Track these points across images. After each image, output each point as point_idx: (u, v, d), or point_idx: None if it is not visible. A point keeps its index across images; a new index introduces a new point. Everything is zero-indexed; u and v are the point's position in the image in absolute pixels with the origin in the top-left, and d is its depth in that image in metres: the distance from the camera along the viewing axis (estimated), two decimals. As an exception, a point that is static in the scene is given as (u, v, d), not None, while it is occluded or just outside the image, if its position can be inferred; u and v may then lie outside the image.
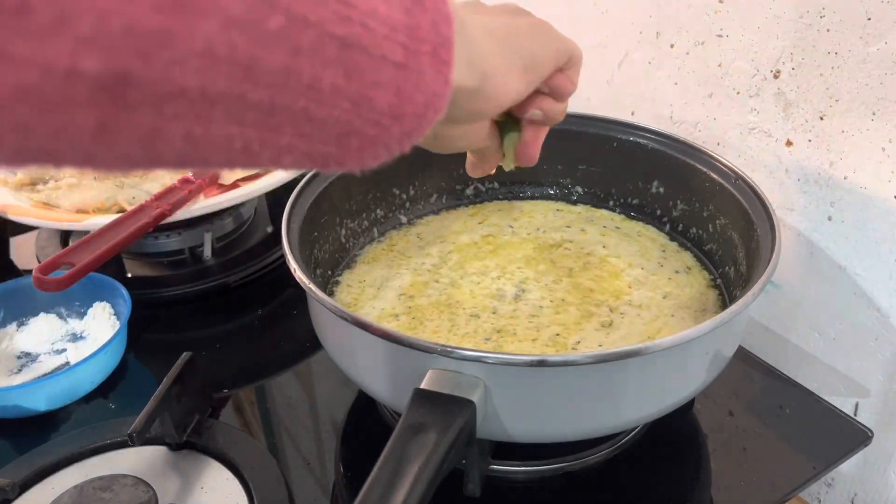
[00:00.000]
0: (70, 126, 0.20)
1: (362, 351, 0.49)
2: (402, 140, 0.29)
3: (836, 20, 0.57)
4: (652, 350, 0.43)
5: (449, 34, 0.28)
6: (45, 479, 0.54)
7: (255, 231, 0.84)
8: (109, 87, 0.19)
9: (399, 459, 0.39)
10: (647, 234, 0.68)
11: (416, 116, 0.28)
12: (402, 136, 0.29)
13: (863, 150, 0.59)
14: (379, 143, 0.28)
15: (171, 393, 0.54)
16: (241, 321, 0.74)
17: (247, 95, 0.23)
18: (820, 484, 0.70)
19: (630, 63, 0.78)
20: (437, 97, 0.29)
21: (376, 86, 0.27)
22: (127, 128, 0.21)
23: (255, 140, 0.25)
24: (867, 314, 0.62)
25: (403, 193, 0.70)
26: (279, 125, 0.25)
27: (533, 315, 0.57)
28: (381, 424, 0.59)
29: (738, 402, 0.62)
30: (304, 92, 0.25)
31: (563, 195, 0.73)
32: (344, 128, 0.27)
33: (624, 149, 0.67)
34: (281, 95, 0.24)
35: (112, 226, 0.67)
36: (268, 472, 0.53)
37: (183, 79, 0.21)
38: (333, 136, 0.27)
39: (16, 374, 0.65)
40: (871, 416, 0.64)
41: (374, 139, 0.28)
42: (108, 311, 0.69)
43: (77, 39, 0.18)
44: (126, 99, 0.20)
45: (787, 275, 0.68)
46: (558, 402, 0.45)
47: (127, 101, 0.20)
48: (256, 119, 0.24)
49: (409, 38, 0.27)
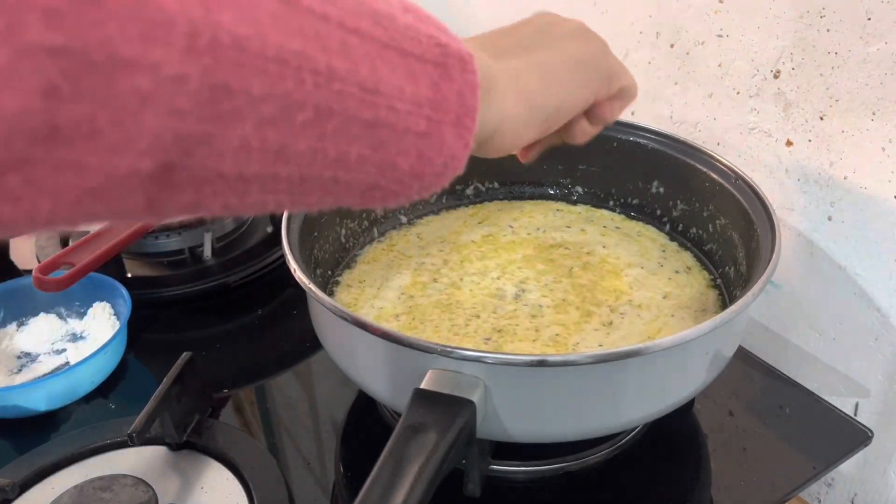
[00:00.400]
0: (126, 207, 0.23)
1: (362, 351, 0.49)
2: (421, 192, 0.31)
3: (836, 20, 0.57)
4: (652, 350, 0.43)
5: (473, 103, 0.30)
6: (45, 479, 0.54)
7: (255, 231, 0.84)
8: (157, 178, 0.23)
9: (399, 459, 0.39)
10: (647, 234, 0.68)
11: (434, 175, 0.31)
12: (422, 190, 0.31)
13: (863, 150, 0.59)
14: (400, 195, 0.31)
15: (171, 393, 0.54)
16: (241, 321, 0.74)
17: (278, 174, 0.26)
18: (820, 484, 0.70)
19: (630, 63, 0.78)
20: (455, 158, 0.31)
21: (400, 153, 0.29)
22: (171, 203, 0.24)
23: (287, 202, 0.28)
24: (867, 314, 0.62)
25: (403, 193, 0.70)
26: (308, 190, 0.28)
27: (533, 315, 0.57)
28: (381, 424, 0.59)
29: (738, 402, 0.62)
30: (332, 165, 0.27)
31: (563, 195, 0.73)
32: (369, 186, 0.29)
33: (624, 149, 0.67)
34: (309, 169, 0.27)
35: (112, 226, 0.67)
36: (268, 472, 0.53)
37: (220, 167, 0.24)
38: (358, 192, 0.29)
39: (16, 374, 0.65)
40: (871, 416, 0.64)
41: (395, 192, 0.31)
42: (108, 311, 0.69)
43: (137, 152, 0.22)
44: (171, 183, 0.23)
45: (787, 275, 0.68)
46: (558, 402, 0.45)
47: (172, 184, 0.23)
48: (288, 188, 0.27)
49: (433, 111, 0.29)
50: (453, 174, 0.31)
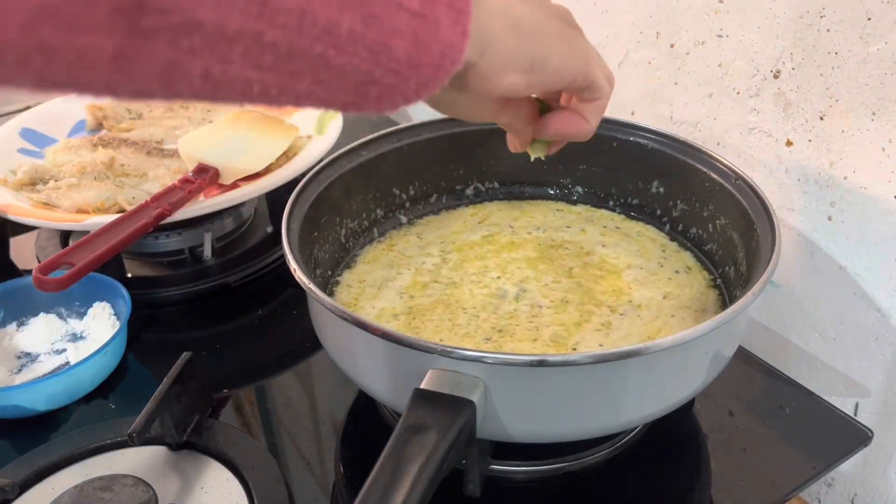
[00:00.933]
0: (90, 50, 0.20)
1: (362, 351, 0.49)
2: (419, 90, 0.29)
3: (836, 20, 0.57)
4: (652, 350, 0.43)
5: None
6: (45, 479, 0.54)
7: (255, 231, 0.84)
8: (125, 12, 0.20)
9: (399, 459, 0.39)
10: (647, 234, 0.68)
11: (433, 66, 0.29)
12: (419, 86, 0.29)
13: (863, 150, 0.59)
14: (397, 91, 0.29)
15: (171, 393, 0.54)
16: (241, 321, 0.74)
17: (263, 35, 0.23)
18: (820, 484, 0.70)
19: (630, 63, 0.78)
20: (453, 48, 0.29)
21: (394, 34, 0.27)
22: (144, 57, 0.21)
23: (274, 85, 0.25)
24: (867, 314, 0.62)
25: (403, 193, 0.70)
26: (298, 71, 0.25)
27: (533, 315, 0.57)
28: (381, 424, 0.59)
29: (738, 402, 0.62)
30: (321, 36, 0.25)
31: (563, 195, 0.73)
32: (363, 77, 0.27)
33: (624, 149, 0.67)
34: (298, 38, 0.24)
35: (112, 226, 0.67)
36: (268, 472, 0.53)
37: (196, 11, 0.21)
38: (352, 85, 0.27)
39: (16, 374, 0.65)
40: (871, 416, 0.64)
41: (392, 88, 0.28)
42: (108, 311, 0.69)
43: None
44: (141, 25, 0.21)
45: (787, 275, 0.68)
46: (558, 402, 0.45)
47: (142, 28, 0.21)
48: (275, 63, 0.24)
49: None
50: (452, 67, 0.30)
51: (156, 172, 0.80)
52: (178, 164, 0.81)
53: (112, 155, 0.81)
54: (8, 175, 0.80)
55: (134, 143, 0.85)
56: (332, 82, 0.27)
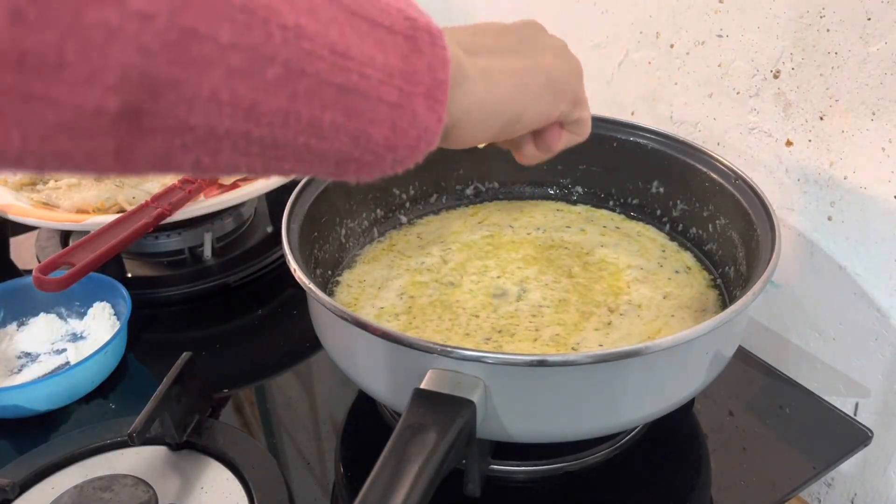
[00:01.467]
0: (96, 150, 0.24)
1: (362, 351, 0.49)
2: (395, 165, 0.32)
3: (836, 20, 0.57)
4: (652, 350, 0.43)
5: (444, 77, 0.31)
6: (45, 479, 0.54)
7: (255, 231, 0.84)
8: (126, 118, 0.23)
9: (399, 459, 0.39)
10: (647, 234, 0.68)
11: (408, 148, 0.31)
12: (395, 163, 0.31)
13: (863, 150, 0.59)
14: (375, 167, 0.31)
15: (171, 393, 0.54)
16: (241, 321, 0.74)
17: (250, 133, 0.26)
18: (820, 484, 0.70)
19: (630, 63, 0.78)
20: (428, 132, 0.31)
21: (373, 123, 0.29)
22: (141, 151, 0.24)
23: (259, 166, 0.28)
24: (867, 314, 0.62)
25: (403, 193, 0.70)
26: (282, 156, 0.28)
27: (533, 315, 0.57)
28: (381, 424, 0.59)
29: (738, 402, 0.62)
30: (305, 130, 0.27)
31: (563, 195, 0.73)
32: (343, 157, 0.29)
33: (624, 149, 0.67)
34: (283, 133, 0.27)
35: (112, 226, 0.67)
36: (268, 472, 0.53)
37: (189, 117, 0.24)
38: (332, 163, 0.30)
39: (16, 374, 0.65)
40: (871, 416, 0.64)
41: (370, 164, 0.31)
42: (108, 311, 0.69)
43: (104, 87, 0.22)
44: (139, 128, 0.24)
45: (787, 275, 0.68)
46: (558, 402, 0.45)
47: (140, 130, 0.24)
48: (260, 151, 0.27)
49: (404, 82, 0.29)
50: (426, 148, 0.32)
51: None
52: (178, 164, 0.81)
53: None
54: (8, 175, 0.80)
55: (134, 143, 0.85)
56: (315, 162, 0.29)
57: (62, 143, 0.23)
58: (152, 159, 0.25)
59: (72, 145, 0.23)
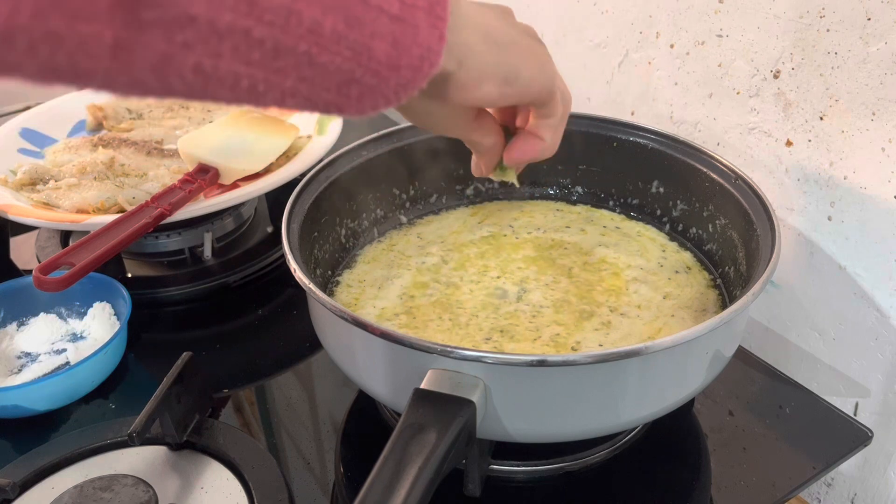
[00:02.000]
0: (91, 38, 0.22)
1: (362, 351, 0.49)
2: (399, 91, 0.31)
3: (836, 20, 0.57)
4: (652, 350, 0.43)
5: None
6: (45, 479, 0.54)
7: (255, 231, 0.84)
8: (125, 4, 0.22)
9: (399, 459, 0.39)
10: (647, 234, 0.68)
11: (411, 68, 0.30)
12: (399, 87, 0.30)
13: (863, 150, 0.59)
14: (377, 92, 0.30)
15: (171, 393, 0.54)
16: (241, 321, 0.74)
17: (251, 31, 0.25)
18: (820, 484, 0.70)
19: (630, 63, 0.78)
20: (431, 51, 0.30)
21: (375, 36, 0.28)
22: (140, 48, 0.23)
23: (261, 81, 0.27)
24: (867, 314, 0.62)
25: (403, 193, 0.70)
26: (283, 67, 0.27)
27: (533, 315, 0.57)
28: (381, 424, 0.59)
29: (738, 402, 0.62)
30: (305, 35, 0.26)
31: (563, 195, 0.73)
32: (345, 76, 0.29)
33: (624, 149, 0.68)
34: (284, 35, 0.26)
35: (112, 226, 0.67)
36: (268, 472, 0.53)
37: (190, 7, 0.23)
38: (335, 84, 0.29)
39: (16, 374, 0.65)
40: (871, 416, 0.64)
41: (372, 88, 0.30)
42: (108, 311, 0.69)
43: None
44: (139, 17, 0.22)
45: (787, 275, 0.68)
46: (558, 402, 0.45)
47: (140, 21, 0.22)
48: (262, 59, 0.26)
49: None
50: (430, 70, 0.31)
51: (156, 172, 0.80)
52: (178, 164, 0.81)
53: (112, 155, 0.81)
54: (8, 175, 0.80)
55: (134, 143, 0.85)
56: (316, 80, 0.28)
57: (54, 21, 0.21)
58: (152, 59, 0.24)
59: (65, 26, 0.21)
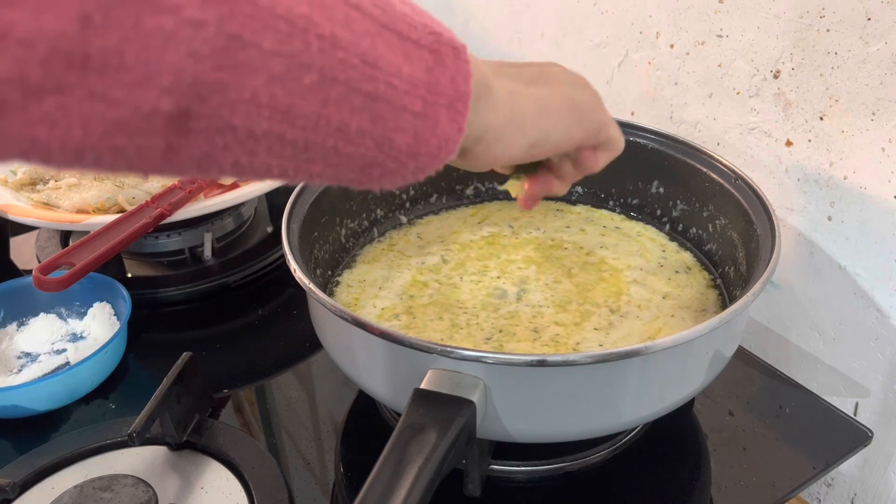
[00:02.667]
0: (147, 148, 0.26)
1: (362, 351, 0.49)
2: (417, 172, 0.33)
3: (836, 20, 0.57)
4: (652, 350, 0.43)
5: (466, 89, 0.33)
6: (45, 479, 0.54)
7: (255, 231, 0.84)
8: (175, 120, 0.25)
9: (399, 459, 0.39)
10: (646, 234, 0.68)
11: (429, 155, 0.33)
12: (417, 170, 0.33)
13: (863, 150, 0.59)
14: (397, 174, 0.33)
15: (171, 393, 0.54)
16: (241, 321, 0.74)
17: (284, 135, 0.28)
18: (820, 484, 0.70)
19: (630, 63, 0.78)
20: (449, 141, 0.33)
21: (397, 130, 0.31)
22: (186, 151, 0.26)
23: (291, 168, 0.30)
24: (867, 314, 0.62)
25: (403, 193, 0.70)
26: (312, 158, 0.30)
27: (533, 315, 0.57)
28: (381, 424, 0.59)
29: (738, 402, 0.62)
30: (333, 133, 0.29)
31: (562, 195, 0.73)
32: (367, 161, 0.31)
33: (624, 149, 0.67)
34: (314, 135, 0.29)
35: (112, 226, 0.67)
36: (268, 472, 0.53)
37: (231, 118, 0.26)
38: (358, 167, 0.32)
39: (16, 374, 0.65)
40: (871, 416, 0.64)
41: (392, 171, 0.32)
42: (108, 311, 0.69)
43: (159, 89, 0.24)
44: (186, 128, 0.26)
45: (787, 275, 0.68)
46: (558, 402, 0.45)
47: (187, 130, 0.26)
48: (293, 154, 0.29)
49: (428, 93, 0.31)
50: (447, 156, 0.33)
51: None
52: (178, 164, 0.81)
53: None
54: (8, 175, 0.80)
55: (134, 143, 0.85)
56: (342, 165, 0.31)
57: (118, 140, 0.25)
58: (195, 158, 0.27)
59: (127, 142, 0.25)
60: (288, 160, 0.29)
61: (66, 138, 0.24)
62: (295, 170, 0.30)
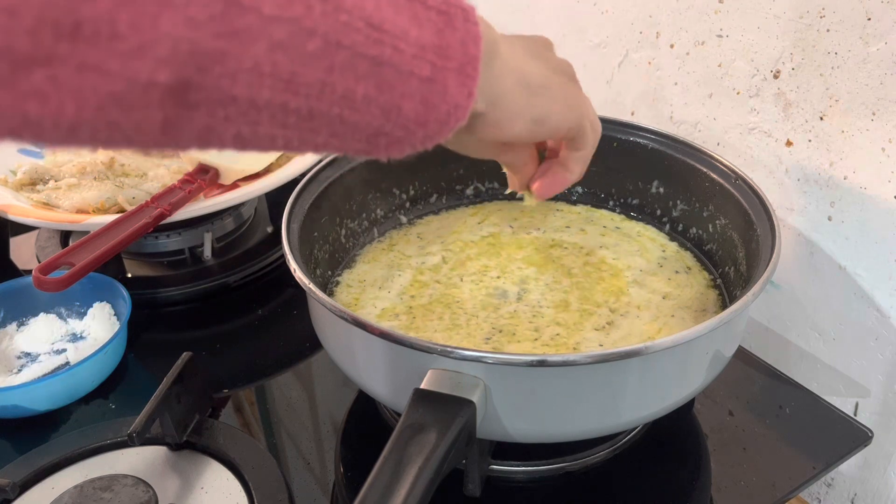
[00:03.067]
0: (144, 122, 0.24)
1: (362, 351, 0.49)
2: (426, 141, 0.32)
3: (836, 20, 0.57)
4: (652, 350, 0.43)
5: (476, 53, 0.31)
6: (45, 479, 0.54)
7: (255, 231, 0.84)
8: (174, 92, 0.24)
9: (399, 459, 0.39)
10: (646, 234, 0.68)
11: (438, 123, 0.31)
12: (426, 138, 0.32)
13: (863, 150, 0.59)
14: (405, 142, 0.31)
15: (171, 393, 0.54)
16: (241, 321, 0.74)
17: (288, 104, 0.27)
18: (820, 484, 0.70)
19: (630, 63, 0.78)
20: (459, 108, 0.31)
21: (404, 96, 0.30)
22: (186, 125, 0.25)
23: (295, 139, 0.28)
24: (867, 314, 0.62)
25: (403, 193, 0.70)
26: (316, 128, 0.28)
27: (533, 315, 0.57)
28: (381, 424, 0.59)
29: (738, 402, 0.62)
30: (339, 101, 0.28)
31: (562, 195, 0.73)
32: (374, 130, 0.30)
33: (624, 149, 0.67)
34: (318, 104, 0.27)
35: (112, 226, 0.67)
36: (268, 472, 0.53)
37: (233, 89, 0.25)
38: (364, 136, 0.30)
39: (16, 374, 0.65)
40: (871, 416, 0.64)
41: (400, 139, 0.31)
42: (108, 311, 0.69)
43: (156, 60, 0.23)
44: (186, 101, 0.24)
45: (787, 275, 0.68)
46: (558, 402, 0.45)
47: (187, 103, 0.24)
48: (297, 123, 0.28)
49: (437, 57, 0.30)
50: (456, 124, 0.32)
51: (156, 172, 0.80)
52: (178, 164, 0.81)
53: (112, 155, 0.81)
54: (8, 175, 0.80)
55: (134, 143, 0.85)
56: (347, 135, 0.30)
57: (114, 114, 0.23)
58: (196, 131, 0.26)
59: (123, 117, 0.24)
60: (292, 130, 0.28)
61: (58, 113, 0.22)
62: (300, 140, 0.29)
